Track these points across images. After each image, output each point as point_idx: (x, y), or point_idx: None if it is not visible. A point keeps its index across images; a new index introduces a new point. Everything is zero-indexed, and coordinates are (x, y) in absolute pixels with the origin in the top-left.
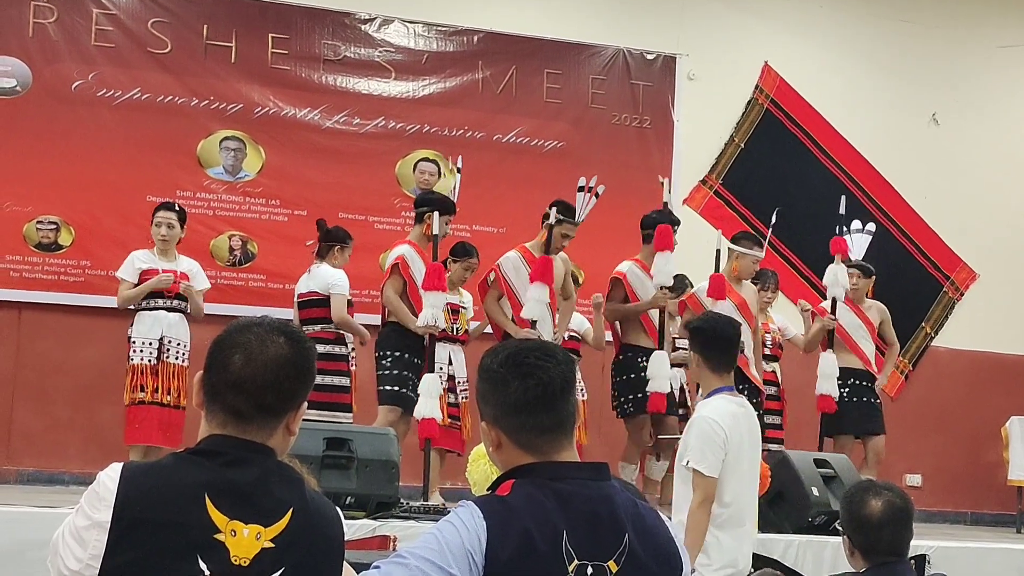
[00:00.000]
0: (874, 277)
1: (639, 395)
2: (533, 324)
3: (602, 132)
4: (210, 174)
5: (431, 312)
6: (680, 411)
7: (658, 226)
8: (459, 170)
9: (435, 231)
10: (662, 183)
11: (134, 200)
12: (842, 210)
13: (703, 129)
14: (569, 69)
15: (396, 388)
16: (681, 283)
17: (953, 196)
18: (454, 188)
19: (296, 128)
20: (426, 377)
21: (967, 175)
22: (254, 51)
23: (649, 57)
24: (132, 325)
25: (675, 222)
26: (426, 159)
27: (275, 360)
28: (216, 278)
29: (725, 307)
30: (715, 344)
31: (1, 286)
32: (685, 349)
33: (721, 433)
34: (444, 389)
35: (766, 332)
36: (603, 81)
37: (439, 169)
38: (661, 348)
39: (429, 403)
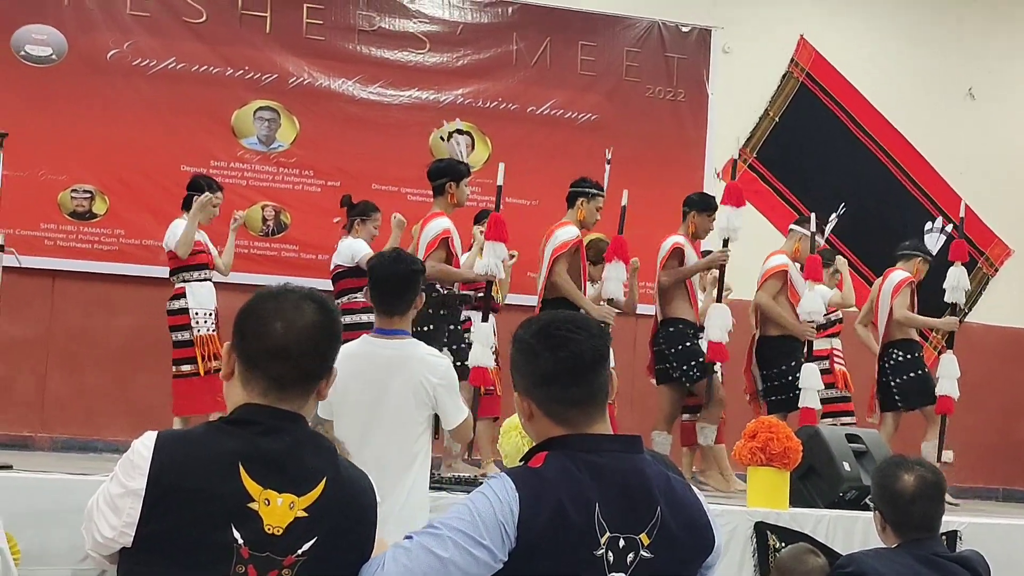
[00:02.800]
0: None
1: (700, 360)
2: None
3: (636, 105)
4: (244, 144)
5: (493, 261)
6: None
7: (728, 183)
8: (459, 132)
9: (491, 199)
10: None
11: (168, 169)
12: (962, 213)
13: (738, 102)
14: (604, 41)
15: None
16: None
17: (988, 171)
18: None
19: (330, 99)
20: (481, 326)
21: (1003, 150)
22: (289, 21)
23: (684, 30)
24: (185, 296)
25: (714, 208)
26: (459, 131)
27: (312, 326)
28: (248, 248)
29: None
30: (374, 284)
31: (35, 254)
32: None
33: None
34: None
35: (831, 312)
36: (637, 53)
37: (472, 140)
38: (719, 302)
39: (483, 352)
